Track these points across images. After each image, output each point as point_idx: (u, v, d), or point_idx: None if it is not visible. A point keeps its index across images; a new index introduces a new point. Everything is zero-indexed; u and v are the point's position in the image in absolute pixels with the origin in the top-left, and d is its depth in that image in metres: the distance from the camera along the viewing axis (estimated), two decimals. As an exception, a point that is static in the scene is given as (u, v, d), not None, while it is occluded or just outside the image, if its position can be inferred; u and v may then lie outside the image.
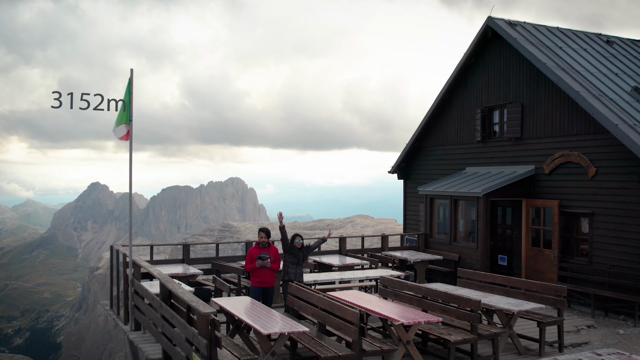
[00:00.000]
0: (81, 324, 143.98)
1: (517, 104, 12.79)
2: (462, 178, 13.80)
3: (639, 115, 11.09)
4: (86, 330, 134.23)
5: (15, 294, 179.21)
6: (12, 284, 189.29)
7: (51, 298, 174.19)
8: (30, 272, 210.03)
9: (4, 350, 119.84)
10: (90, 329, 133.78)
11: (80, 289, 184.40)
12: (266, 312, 7.03)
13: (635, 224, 10.21)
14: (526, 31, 13.28)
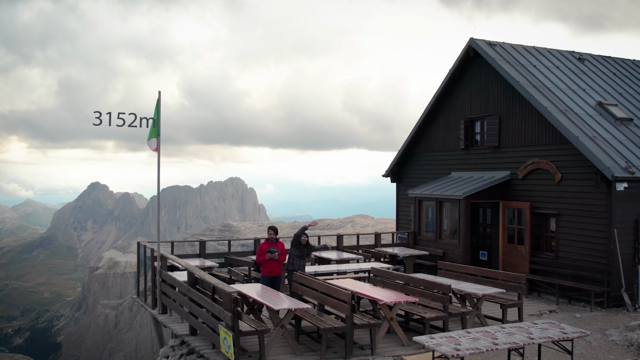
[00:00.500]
0: (81, 324, 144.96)
1: (495, 116, 14.33)
2: (448, 182, 15.34)
3: (600, 128, 12.66)
4: (86, 330, 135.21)
5: (15, 294, 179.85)
6: (12, 283, 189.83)
7: (51, 298, 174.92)
8: (30, 272, 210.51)
9: (4, 350, 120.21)
10: (90, 329, 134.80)
11: (80, 289, 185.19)
12: (275, 294, 8.57)
13: (594, 223, 11.75)
14: (504, 51, 14.83)
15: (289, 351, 7.99)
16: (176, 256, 11.10)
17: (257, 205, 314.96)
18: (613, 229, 11.33)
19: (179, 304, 9.30)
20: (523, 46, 15.61)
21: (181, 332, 9.06)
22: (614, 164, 11.33)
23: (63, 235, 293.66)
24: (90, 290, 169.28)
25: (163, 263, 10.13)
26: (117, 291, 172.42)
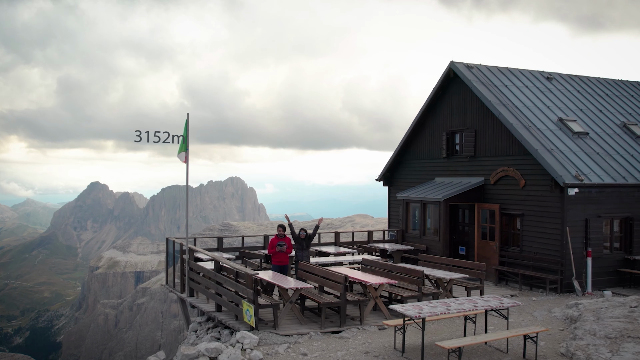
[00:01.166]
0: (81, 323, 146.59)
1: (472, 129, 16.54)
2: (431, 186, 17.54)
3: (558, 141, 14.87)
4: (86, 330, 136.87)
5: (15, 294, 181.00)
6: (12, 283, 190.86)
7: (51, 297, 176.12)
8: (30, 271, 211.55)
9: (4, 350, 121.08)
10: (90, 329, 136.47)
11: (80, 289, 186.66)
12: (284, 277, 10.78)
13: (550, 223, 13.94)
14: (480, 72, 17.04)
15: (296, 322, 10.18)
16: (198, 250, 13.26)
17: (257, 205, 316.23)
18: (566, 227, 13.53)
19: (205, 287, 11.49)
20: (498, 67, 17.82)
21: (208, 310, 11.25)
22: (566, 172, 13.53)
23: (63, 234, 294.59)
24: (90, 289, 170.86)
25: (191, 255, 12.32)
26: (117, 291, 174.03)
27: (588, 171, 13.97)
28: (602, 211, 14.03)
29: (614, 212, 14.26)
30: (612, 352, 8.09)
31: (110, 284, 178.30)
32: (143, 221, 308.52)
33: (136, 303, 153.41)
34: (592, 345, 8.41)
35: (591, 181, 13.60)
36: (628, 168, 14.76)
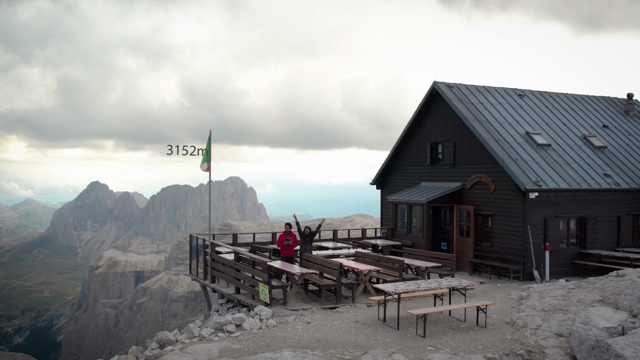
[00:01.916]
0: (81, 323, 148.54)
1: (452, 141, 19.05)
2: (417, 190, 20.06)
3: (523, 152, 17.39)
4: (86, 329, 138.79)
5: (15, 293, 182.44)
6: (12, 282, 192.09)
7: (51, 297, 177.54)
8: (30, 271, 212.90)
9: (4, 349, 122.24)
10: (90, 328, 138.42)
11: (80, 288, 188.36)
12: (291, 265, 13.28)
13: (515, 221, 16.45)
14: (459, 91, 19.56)
15: (301, 300, 12.68)
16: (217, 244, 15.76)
17: (257, 205, 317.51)
18: (527, 226, 16.05)
19: (225, 274, 13.99)
20: (476, 86, 20.34)
21: (228, 292, 13.75)
22: (528, 179, 16.05)
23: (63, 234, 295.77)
24: (90, 289, 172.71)
25: (213, 248, 14.82)
26: (117, 290, 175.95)
27: (547, 178, 16.49)
28: (559, 212, 16.56)
29: (570, 212, 16.79)
30: (543, 320, 10.59)
31: (110, 284, 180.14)
32: (143, 221, 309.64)
33: (136, 303, 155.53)
34: (529, 316, 10.93)
35: (549, 186, 16.12)
36: (583, 175, 17.29)
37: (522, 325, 10.51)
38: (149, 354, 9.62)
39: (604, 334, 8.71)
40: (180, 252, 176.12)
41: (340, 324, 10.93)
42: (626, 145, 19.95)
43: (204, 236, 15.69)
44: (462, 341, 9.69)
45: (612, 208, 17.44)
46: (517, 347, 9.37)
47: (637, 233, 18.27)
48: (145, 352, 9.98)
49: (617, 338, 8.44)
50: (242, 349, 9.36)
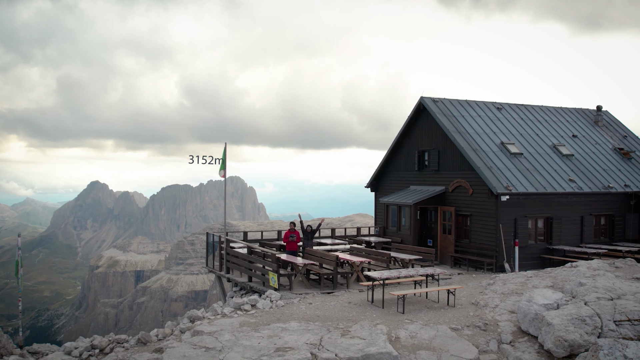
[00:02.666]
0: (81, 322, 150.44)
1: (436, 149, 21.50)
2: (406, 193, 22.51)
3: (498, 161, 19.83)
4: (86, 329, 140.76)
5: (15, 293, 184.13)
6: (11, 282, 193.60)
7: (51, 297, 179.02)
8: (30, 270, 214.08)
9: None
10: (90, 327, 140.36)
11: (80, 288, 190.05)
12: (295, 258, 15.74)
13: (489, 221, 18.89)
14: (443, 105, 22.01)
15: (304, 286, 15.12)
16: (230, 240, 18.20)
17: (257, 204, 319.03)
18: (499, 225, 18.50)
19: (239, 266, 16.42)
20: (458, 100, 22.80)
21: (242, 281, 16.19)
22: (500, 184, 18.50)
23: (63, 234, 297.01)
24: (90, 289, 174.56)
25: (227, 244, 17.26)
26: (117, 290, 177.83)
27: (517, 183, 18.94)
28: (528, 212, 19.02)
29: (537, 213, 19.25)
30: (501, 301, 13.04)
31: (110, 283, 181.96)
32: (143, 220, 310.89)
33: (136, 302, 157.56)
34: (491, 298, 13.38)
35: (518, 190, 18.57)
36: (550, 180, 19.75)
37: (484, 305, 12.96)
38: (183, 327, 12.07)
39: (542, 309, 11.16)
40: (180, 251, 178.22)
41: (336, 305, 13.37)
42: (592, 153, 22.42)
43: (220, 233, 18.14)
44: (433, 316, 12.15)
45: (575, 209, 19.90)
46: (476, 321, 11.82)
47: (599, 231, 20.74)
48: (179, 325, 12.42)
49: (551, 311, 10.92)
50: (258, 322, 11.80)
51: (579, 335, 10.08)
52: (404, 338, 10.57)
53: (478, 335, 11.11)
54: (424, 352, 9.90)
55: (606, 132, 24.64)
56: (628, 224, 20.89)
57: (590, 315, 10.64)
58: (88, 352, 11.55)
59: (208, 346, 9.96)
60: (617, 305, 11.10)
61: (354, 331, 10.66)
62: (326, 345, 9.77)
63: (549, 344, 10.09)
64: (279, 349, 9.63)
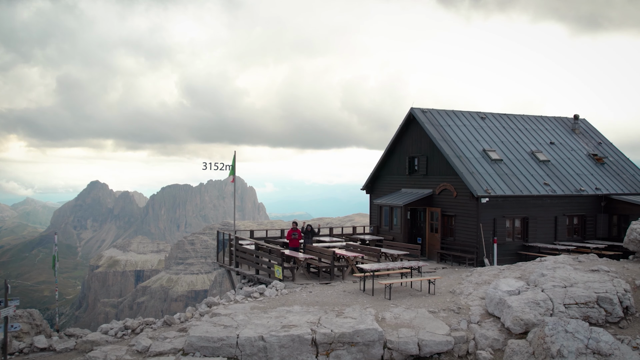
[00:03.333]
0: (81, 322, 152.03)
1: (425, 156, 23.63)
2: (397, 195, 24.62)
3: (479, 166, 21.95)
4: (86, 329, 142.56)
5: (15, 292, 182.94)
6: (11, 282, 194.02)
7: (51, 296, 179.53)
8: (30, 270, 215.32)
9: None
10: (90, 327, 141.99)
11: (80, 287, 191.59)
12: (297, 253, 17.87)
13: (471, 221, 21.00)
14: (431, 115, 24.13)
15: (305, 278, 17.24)
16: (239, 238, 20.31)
17: (257, 204, 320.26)
18: (480, 224, 20.62)
19: (247, 260, 18.52)
20: (445, 111, 24.92)
21: (250, 273, 18.30)
22: (480, 188, 20.63)
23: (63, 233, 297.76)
24: (91, 288, 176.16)
25: (236, 241, 19.37)
26: (117, 289, 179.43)
27: (496, 186, 21.07)
28: (506, 213, 21.14)
29: (515, 214, 21.37)
30: (474, 289, 15.16)
31: (110, 283, 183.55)
32: (143, 220, 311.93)
33: (136, 302, 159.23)
34: (466, 287, 15.51)
35: (497, 193, 20.70)
36: (526, 184, 21.88)
37: (459, 293, 15.09)
38: (202, 310, 14.17)
39: (505, 295, 13.29)
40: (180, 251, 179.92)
41: (333, 293, 15.49)
42: (567, 159, 24.56)
43: (229, 232, 20.26)
44: (415, 302, 14.27)
45: (550, 210, 22.03)
46: (451, 305, 13.94)
47: (572, 230, 22.87)
48: (198, 310, 14.52)
49: (512, 297, 13.06)
50: (266, 306, 13.91)
51: (533, 315, 12.22)
52: (389, 318, 12.68)
53: (452, 317, 13.23)
54: (405, 329, 12.02)
55: (582, 139, 26.78)
56: (599, 224, 23.02)
57: (544, 300, 12.79)
58: (122, 332, 13.63)
59: (225, 324, 12.07)
60: (569, 291, 13.25)
61: (347, 313, 12.77)
62: (323, 323, 11.88)
63: (508, 322, 12.23)
64: (284, 326, 11.74)
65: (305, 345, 11.08)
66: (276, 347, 10.99)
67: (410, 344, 11.40)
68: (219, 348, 11.06)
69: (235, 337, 11.11)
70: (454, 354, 11.76)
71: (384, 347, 11.36)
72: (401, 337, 11.54)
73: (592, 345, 10.81)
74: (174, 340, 11.90)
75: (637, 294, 13.80)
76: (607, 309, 12.70)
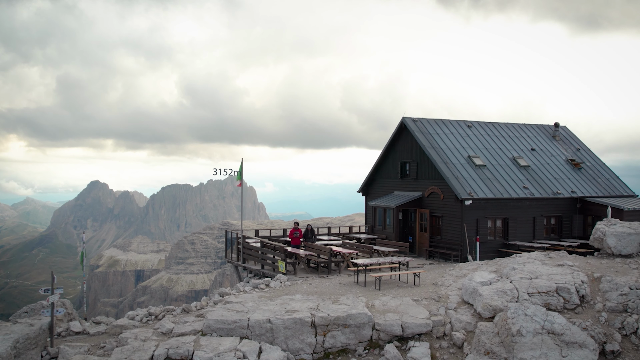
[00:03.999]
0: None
1: (415, 161, 25.73)
2: (390, 197, 26.72)
3: (464, 172, 24.05)
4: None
5: (15, 292, 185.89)
6: (12, 282, 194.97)
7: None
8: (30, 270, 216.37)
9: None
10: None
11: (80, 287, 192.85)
12: (298, 250, 19.98)
13: (456, 221, 23.09)
14: (421, 124, 26.23)
15: (305, 272, 19.33)
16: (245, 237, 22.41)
17: (257, 204, 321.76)
18: (464, 224, 22.71)
19: (253, 256, 20.61)
20: (435, 120, 27.03)
21: (256, 268, 20.40)
22: (464, 191, 22.72)
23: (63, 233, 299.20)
24: (91, 288, 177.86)
25: (244, 239, 21.46)
26: (117, 289, 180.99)
27: (478, 190, 23.17)
28: (488, 214, 23.24)
29: (496, 214, 23.47)
30: (454, 281, 17.25)
31: (110, 283, 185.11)
32: (143, 220, 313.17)
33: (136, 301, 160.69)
34: (447, 279, 17.61)
35: (479, 196, 22.80)
36: (507, 187, 23.98)
37: (441, 284, 17.20)
38: (215, 299, 16.26)
39: (478, 285, 15.39)
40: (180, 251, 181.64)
41: (330, 284, 17.59)
42: (547, 164, 26.66)
43: (237, 231, 22.36)
44: (401, 291, 16.37)
45: (528, 211, 24.14)
46: (433, 295, 16.04)
47: (549, 229, 24.97)
48: (212, 299, 16.60)
49: (484, 287, 15.16)
50: (271, 295, 16.00)
51: (500, 302, 14.33)
52: (378, 305, 14.79)
53: (432, 304, 15.34)
54: (391, 314, 14.12)
55: (562, 145, 28.89)
56: (574, 224, 25.13)
57: (511, 289, 14.91)
58: (147, 317, 15.71)
59: (238, 310, 14.16)
60: (533, 282, 15.36)
61: (342, 300, 14.87)
62: (321, 309, 13.97)
63: (479, 308, 14.33)
64: (288, 311, 13.83)
65: (305, 326, 13.16)
66: (281, 328, 13.06)
67: (395, 326, 13.49)
68: (233, 329, 13.13)
69: (247, 320, 13.19)
70: (433, 335, 13.86)
71: (372, 328, 13.45)
72: (387, 320, 13.63)
73: (548, 326, 12.92)
74: (193, 324, 13.99)
75: (594, 285, 15.92)
76: (565, 297, 14.81)
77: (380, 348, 13.18)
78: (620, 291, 15.03)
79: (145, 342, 13.03)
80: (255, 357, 12.16)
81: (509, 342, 12.62)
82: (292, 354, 12.80)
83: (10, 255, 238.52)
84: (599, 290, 15.49)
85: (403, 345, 13.31)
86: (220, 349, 12.27)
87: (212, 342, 12.67)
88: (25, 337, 12.50)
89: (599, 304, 14.85)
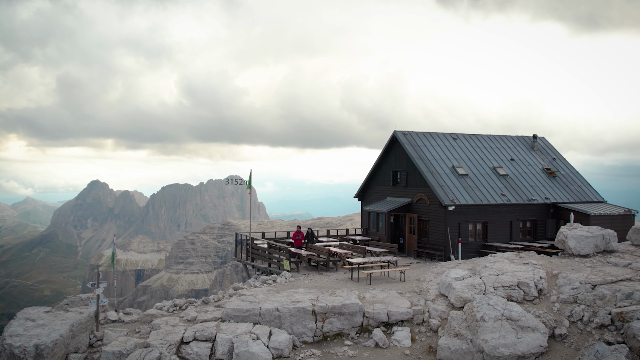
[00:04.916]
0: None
1: (405, 170, 28.60)
2: (383, 202, 29.58)
3: (448, 180, 26.91)
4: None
5: (15, 292, 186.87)
6: (12, 281, 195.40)
7: (51, 296, 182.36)
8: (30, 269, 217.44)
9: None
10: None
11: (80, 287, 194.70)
12: (301, 250, 22.82)
13: (440, 224, 25.91)
14: (411, 137, 29.10)
15: (307, 269, 22.17)
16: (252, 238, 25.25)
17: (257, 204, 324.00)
18: (447, 227, 25.57)
19: (260, 256, 23.45)
20: (423, 133, 29.89)
21: (263, 267, 23.24)
22: (447, 198, 25.57)
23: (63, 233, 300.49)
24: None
25: (252, 240, 24.30)
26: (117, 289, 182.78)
27: (460, 197, 26.03)
28: (469, 218, 26.10)
29: (476, 219, 26.32)
30: (434, 277, 20.10)
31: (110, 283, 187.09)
32: (143, 219, 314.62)
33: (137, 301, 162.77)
34: (428, 275, 20.46)
35: (461, 202, 25.65)
36: (486, 194, 26.83)
37: (423, 280, 20.06)
38: (230, 293, 19.09)
39: (453, 280, 18.23)
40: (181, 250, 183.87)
41: (328, 280, 20.44)
42: (524, 173, 29.53)
43: (245, 233, 25.22)
44: (388, 286, 19.22)
45: (506, 216, 26.99)
46: (415, 288, 18.89)
47: (525, 232, 27.84)
48: (227, 292, 19.44)
49: (458, 282, 18.02)
50: (278, 289, 18.84)
51: (470, 294, 17.17)
52: (368, 297, 17.64)
53: (414, 296, 18.19)
54: (378, 304, 16.96)
55: (539, 155, 31.76)
56: (548, 227, 27.99)
57: (479, 284, 17.75)
58: (172, 308, 18.53)
59: (251, 300, 16.99)
60: (499, 278, 18.21)
61: (337, 293, 17.72)
62: (320, 300, 16.81)
63: (452, 299, 17.17)
64: (293, 301, 16.66)
65: (307, 314, 15.99)
66: (287, 316, 15.88)
67: (381, 314, 16.32)
68: (247, 316, 15.94)
69: (259, 308, 15.99)
70: (413, 322, 16.70)
71: (363, 316, 16.28)
72: (375, 309, 16.47)
73: (507, 314, 15.77)
74: (213, 312, 16.81)
75: (552, 280, 18.77)
76: (525, 290, 17.66)
77: (369, 332, 15.98)
78: (572, 285, 17.88)
79: (175, 327, 15.84)
80: (267, 339, 14.97)
81: (474, 326, 15.46)
82: (297, 337, 15.61)
83: (11, 255, 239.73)
84: (555, 284, 18.33)
85: (388, 330, 16.14)
86: (238, 332, 15.08)
87: (231, 327, 15.48)
88: (78, 322, 15.30)
89: (553, 296, 17.69)
